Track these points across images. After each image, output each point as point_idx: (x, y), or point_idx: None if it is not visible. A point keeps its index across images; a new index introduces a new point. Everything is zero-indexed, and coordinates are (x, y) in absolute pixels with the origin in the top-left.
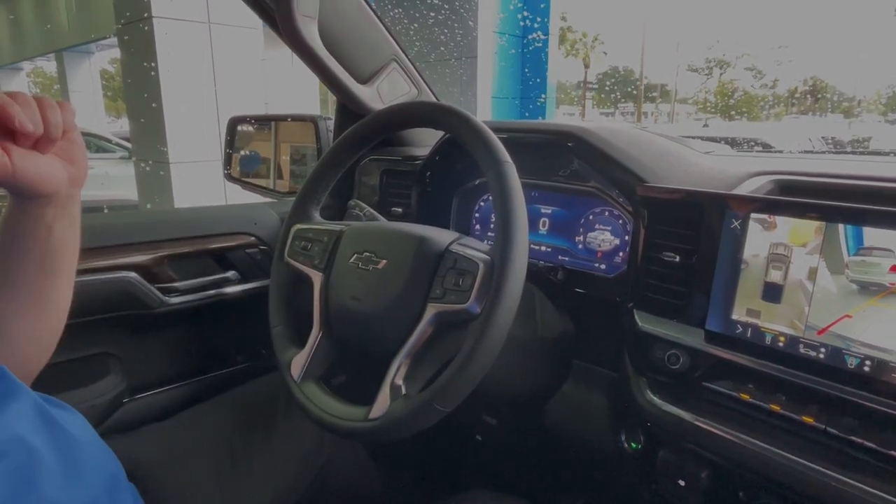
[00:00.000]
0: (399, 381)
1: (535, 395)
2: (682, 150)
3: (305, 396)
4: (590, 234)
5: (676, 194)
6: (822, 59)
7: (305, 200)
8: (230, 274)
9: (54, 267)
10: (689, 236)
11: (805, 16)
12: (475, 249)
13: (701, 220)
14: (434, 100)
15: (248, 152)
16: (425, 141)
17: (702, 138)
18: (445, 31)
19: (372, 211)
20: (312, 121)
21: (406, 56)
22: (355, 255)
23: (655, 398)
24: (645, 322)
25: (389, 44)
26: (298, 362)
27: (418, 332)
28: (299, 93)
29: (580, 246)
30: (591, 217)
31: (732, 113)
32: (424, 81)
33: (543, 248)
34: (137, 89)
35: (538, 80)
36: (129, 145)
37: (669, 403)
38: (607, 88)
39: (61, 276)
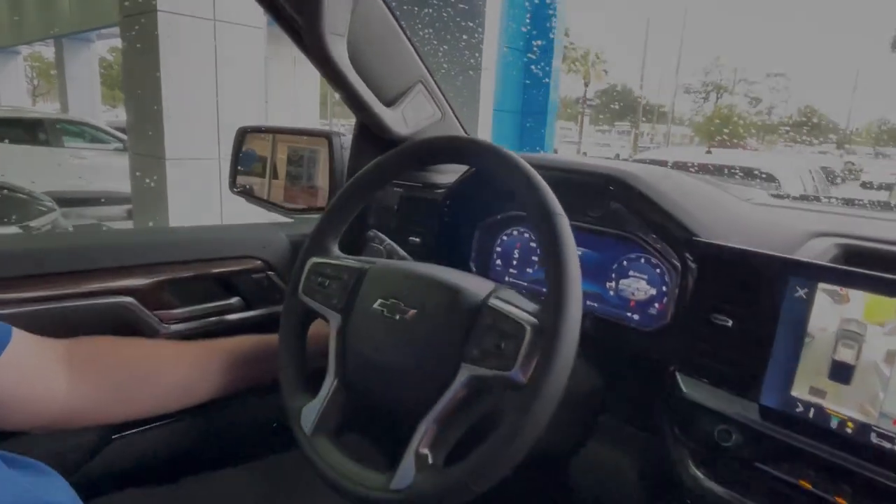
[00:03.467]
0: (424, 450)
1: (556, 451)
2: (727, 200)
3: (317, 453)
4: (623, 281)
5: (735, 254)
6: (817, 89)
7: (324, 233)
8: (234, 300)
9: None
10: (746, 300)
11: (802, 46)
12: (518, 308)
13: (760, 284)
14: (459, 124)
15: (255, 165)
16: (445, 167)
17: (712, 166)
18: (449, 40)
19: (392, 245)
20: (327, 137)
21: (432, 77)
22: (380, 301)
23: (699, 473)
24: (691, 389)
25: (417, 65)
26: (310, 412)
27: (449, 395)
28: (298, 92)
29: (611, 293)
30: (625, 263)
31: (727, 138)
32: (449, 105)
33: None
34: (137, 82)
35: (541, 95)
36: (124, 137)
37: (716, 483)
38: (609, 108)
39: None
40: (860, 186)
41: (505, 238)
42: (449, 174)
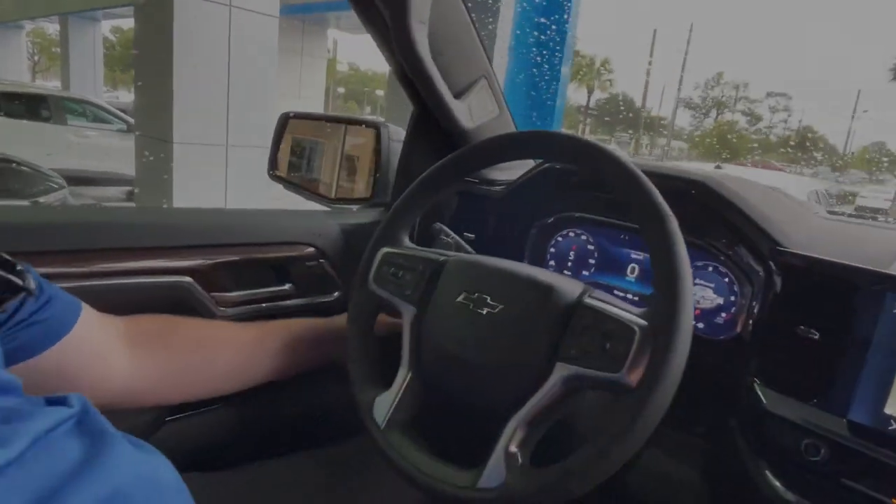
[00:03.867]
0: (514, 448)
1: None
2: (804, 211)
3: (393, 447)
4: None
5: (826, 267)
6: (817, 111)
7: (396, 223)
8: (287, 286)
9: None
10: (836, 314)
11: (805, 67)
12: (620, 309)
13: (854, 299)
14: (512, 122)
15: (295, 152)
16: (505, 164)
17: None
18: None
19: (458, 239)
20: (375, 127)
21: (494, 73)
22: (464, 294)
23: (779, 485)
24: (772, 401)
25: (483, 59)
26: (382, 405)
27: (543, 393)
28: (303, 83)
29: None
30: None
31: (726, 155)
32: (505, 102)
33: (630, 297)
34: (148, 63)
35: (548, 101)
36: (127, 117)
37: (799, 496)
38: (607, 118)
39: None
40: (854, 210)
41: (560, 239)
42: (507, 171)
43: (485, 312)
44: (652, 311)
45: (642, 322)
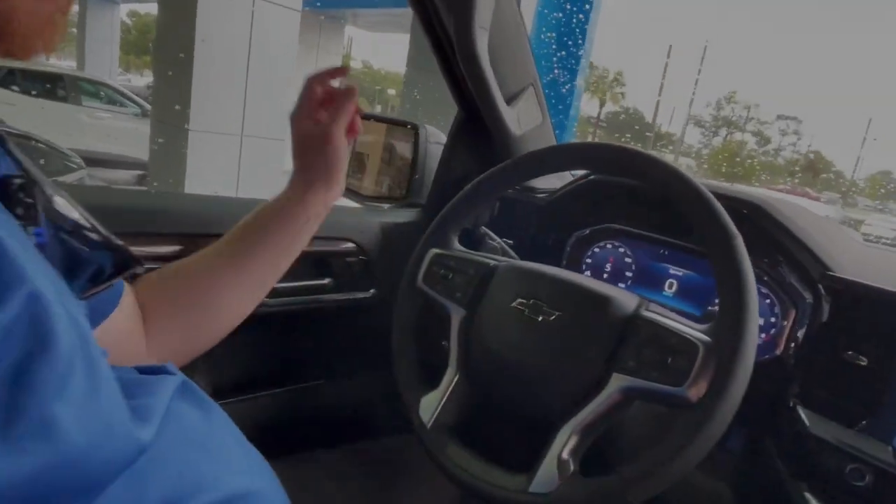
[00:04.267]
0: (566, 455)
1: None
2: (848, 237)
3: (440, 447)
4: None
5: (879, 294)
6: (826, 136)
7: (447, 224)
8: (326, 281)
9: (276, 265)
10: (886, 341)
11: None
12: (680, 324)
13: None
14: (552, 131)
15: None
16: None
17: None
18: None
19: (503, 244)
20: (413, 127)
21: (539, 81)
22: (520, 300)
23: None
24: (816, 425)
25: (532, 67)
26: (429, 405)
27: (599, 401)
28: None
29: None
30: None
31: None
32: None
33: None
34: (169, 50)
35: (561, 112)
36: (141, 101)
37: None
38: (616, 134)
39: (274, 276)
40: (862, 237)
41: (597, 250)
42: (550, 180)
43: (540, 319)
44: (716, 329)
45: (705, 338)
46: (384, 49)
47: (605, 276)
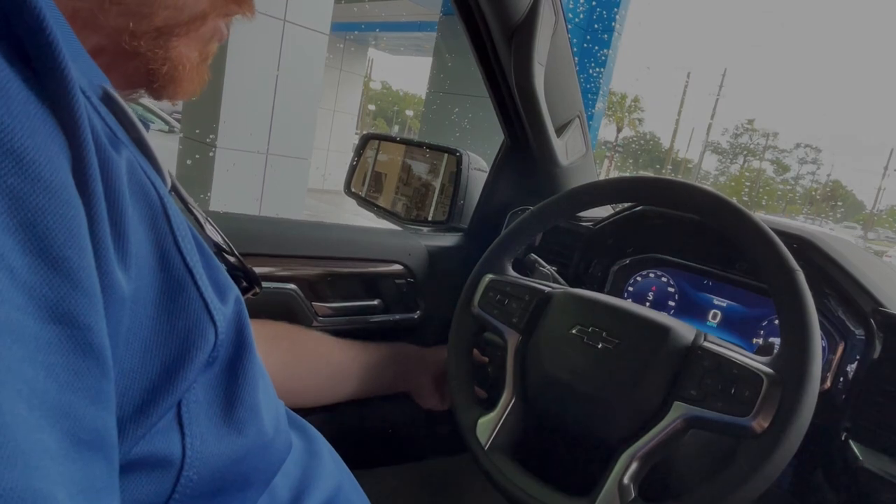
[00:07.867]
0: (627, 481)
1: None
2: (894, 272)
3: (498, 469)
4: (773, 339)
5: None
6: (846, 166)
7: (503, 251)
8: (376, 302)
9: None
10: None
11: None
12: (742, 355)
13: None
14: (594, 162)
15: (373, 172)
16: None
17: None
18: None
19: (553, 272)
20: (455, 154)
21: (584, 113)
22: (579, 327)
23: None
24: (869, 458)
25: (579, 99)
26: (486, 427)
27: (661, 429)
28: (342, 97)
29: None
30: (776, 322)
31: (749, 202)
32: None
33: None
34: None
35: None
36: (168, 118)
37: None
38: (630, 161)
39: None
40: None
41: (639, 279)
42: (597, 209)
43: (600, 346)
44: (780, 361)
45: (769, 370)
46: (403, 71)
47: (648, 304)
